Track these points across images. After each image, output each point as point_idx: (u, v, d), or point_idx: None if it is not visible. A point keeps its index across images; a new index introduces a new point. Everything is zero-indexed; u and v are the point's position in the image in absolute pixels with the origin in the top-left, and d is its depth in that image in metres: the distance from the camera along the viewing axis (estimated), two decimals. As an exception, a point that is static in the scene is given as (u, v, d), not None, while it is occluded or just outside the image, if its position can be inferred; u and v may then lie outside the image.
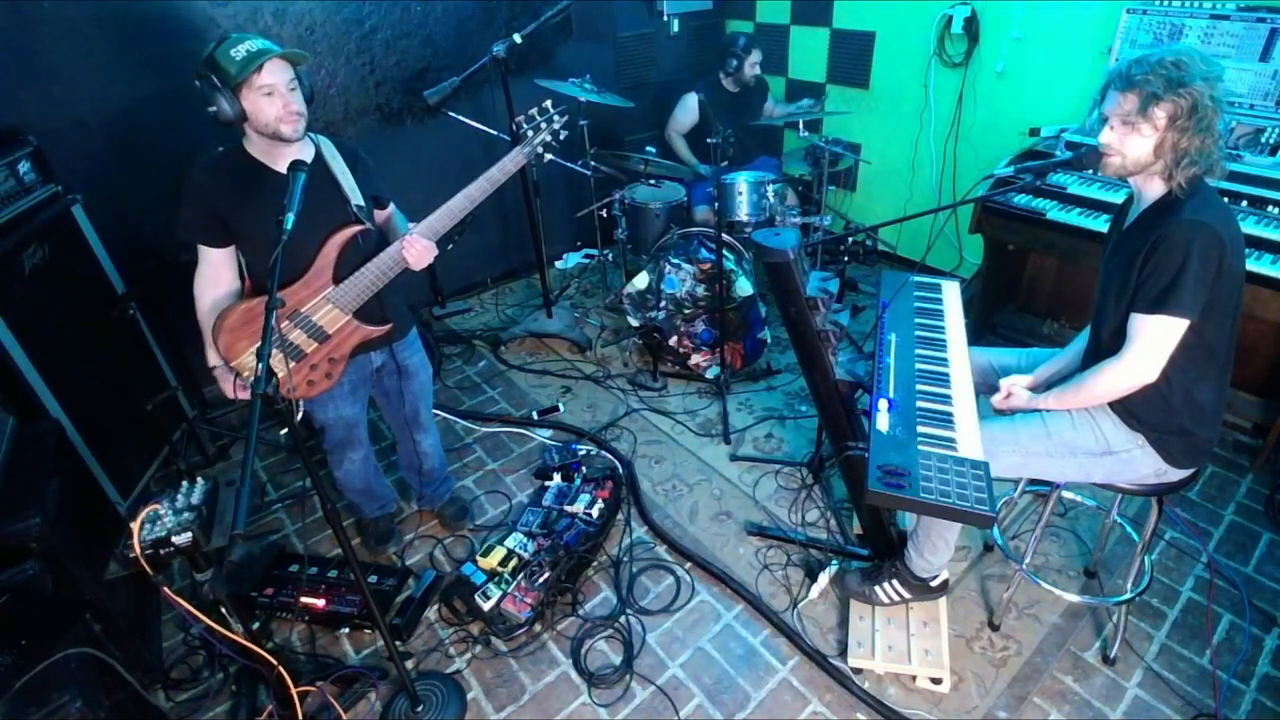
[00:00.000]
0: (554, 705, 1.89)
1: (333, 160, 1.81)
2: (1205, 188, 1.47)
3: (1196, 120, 1.38)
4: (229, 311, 1.72)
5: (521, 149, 1.88)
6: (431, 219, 1.81)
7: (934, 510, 1.41)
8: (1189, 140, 1.40)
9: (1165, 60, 1.39)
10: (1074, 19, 2.94)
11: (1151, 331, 1.45)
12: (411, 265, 1.80)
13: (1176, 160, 1.42)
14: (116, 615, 1.82)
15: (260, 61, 1.57)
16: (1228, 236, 1.39)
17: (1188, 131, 1.39)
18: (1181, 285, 1.39)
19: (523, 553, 2.22)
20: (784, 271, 1.73)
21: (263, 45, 1.60)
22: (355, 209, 1.79)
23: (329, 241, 1.75)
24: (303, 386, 1.82)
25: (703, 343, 3.06)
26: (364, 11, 3.12)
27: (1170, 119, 1.40)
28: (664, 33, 4.10)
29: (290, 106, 1.64)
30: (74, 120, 2.53)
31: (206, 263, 1.77)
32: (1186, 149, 1.40)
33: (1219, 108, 1.39)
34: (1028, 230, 2.72)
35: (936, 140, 3.62)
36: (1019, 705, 1.83)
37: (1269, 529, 2.29)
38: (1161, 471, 1.63)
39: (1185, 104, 1.38)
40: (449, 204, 1.81)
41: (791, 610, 2.10)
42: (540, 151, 1.91)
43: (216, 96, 1.58)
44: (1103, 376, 1.53)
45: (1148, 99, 1.40)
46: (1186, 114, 1.38)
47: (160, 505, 1.47)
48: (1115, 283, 1.54)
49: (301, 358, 1.80)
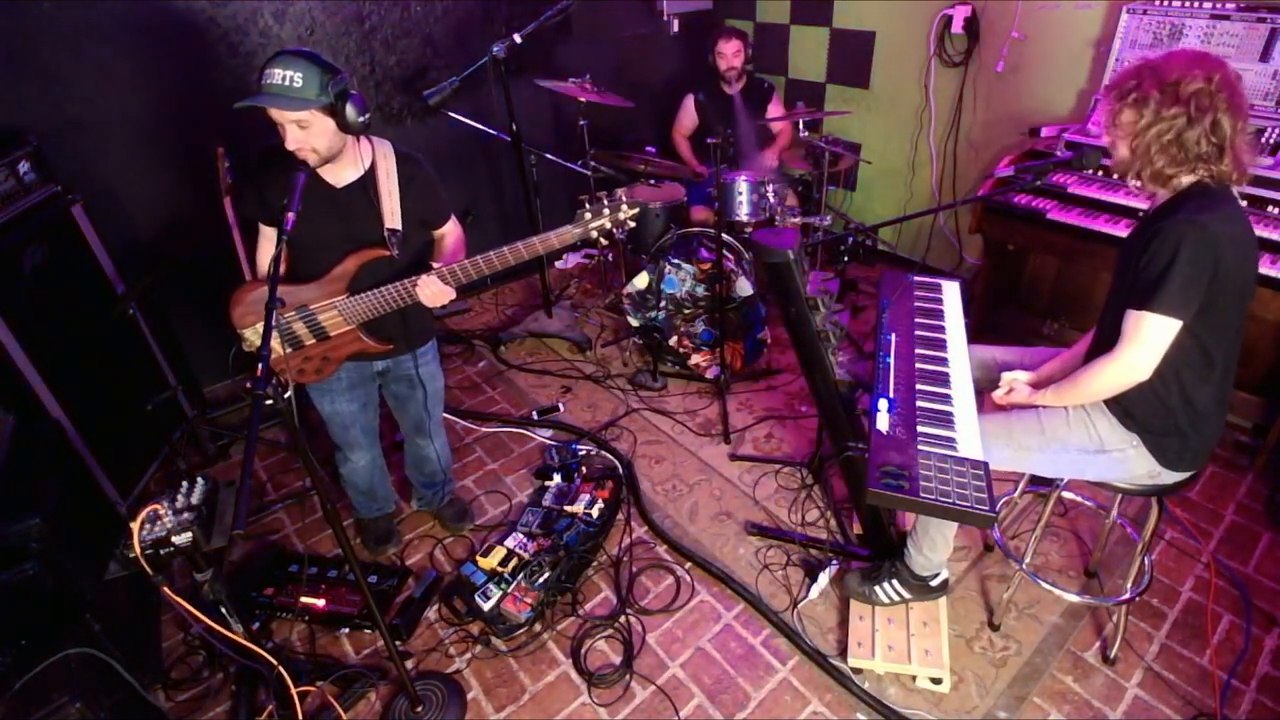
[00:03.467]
0: (554, 705, 1.89)
1: (385, 179, 1.77)
2: (1216, 192, 1.45)
3: (1159, 121, 1.40)
4: (250, 286, 1.83)
5: (573, 228, 1.74)
6: (455, 266, 1.74)
7: (934, 510, 1.41)
8: (1155, 141, 1.41)
9: (1146, 64, 1.42)
10: (1074, 19, 2.94)
11: (1138, 328, 1.44)
12: (424, 302, 1.77)
13: (1150, 160, 1.44)
14: (116, 615, 1.82)
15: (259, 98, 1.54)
16: (1227, 240, 1.38)
17: (1151, 131, 1.41)
18: (1168, 282, 1.39)
19: (523, 553, 2.22)
20: (784, 271, 1.73)
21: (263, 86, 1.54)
22: (388, 232, 1.77)
23: (350, 256, 1.77)
24: (293, 373, 1.87)
25: (703, 343, 3.07)
26: (364, 11, 3.12)
27: (1134, 122, 1.43)
28: (664, 33, 4.10)
29: (295, 143, 1.59)
30: (74, 120, 2.53)
31: (264, 236, 1.87)
32: (1160, 149, 1.42)
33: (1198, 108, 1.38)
34: (1028, 230, 2.72)
35: (936, 140, 3.62)
36: (1019, 705, 1.83)
37: (1269, 529, 2.29)
38: (1155, 473, 1.63)
39: (1146, 109, 1.40)
40: (477, 258, 1.74)
41: (791, 610, 2.10)
42: (595, 236, 1.75)
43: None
44: (1095, 372, 1.53)
45: (1117, 101, 1.45)
46: (1151, 115, 1.40)
47: (160, 505, 1.47)
48: (1120, 281, 1.55)
49: (299, 347, 1.85)
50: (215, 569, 1.54)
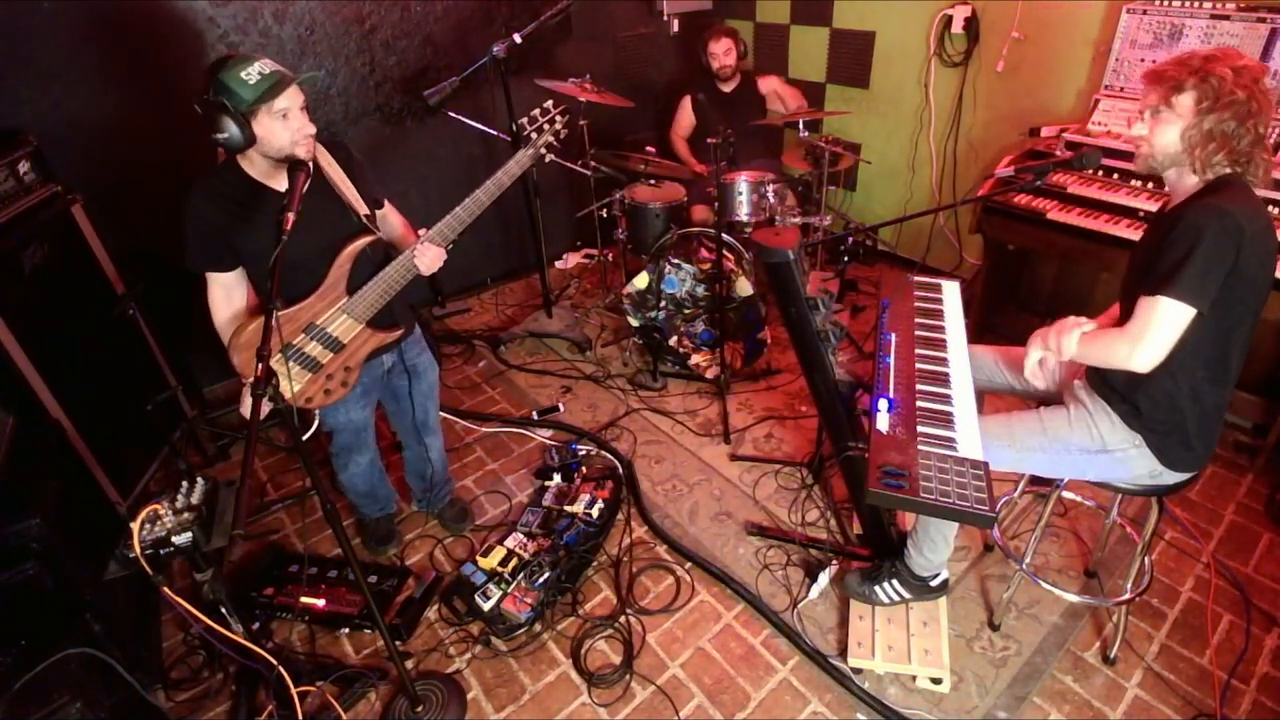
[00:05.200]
0: (554, 705, 1.89)
1: (331, 170, 1.76)
2: (1240, 184, 1.43)
3: (1222, 106, 1.36)
4: (242, 329, 1.71)
5: (526, 151, 1.88)
6: (441, 225, 1.79)
7: (934, 510, 1.41)
8: (1216, 125, 1.38)
9: (1197, 54, 1.40)
10: (1074, 19, 2.94)
11: (1149, 311, 1.39)
12: (423, 271, 1.79)
13: (1204, 146, 1.40)
14: (116, 615, 1.82)
15: (275, 85, 1.52)
16: (1251, 230, 1.35)
17: (1212, 115, 1.38)
18: (1189, 266, 1.34)
19: (523, 553, 2.22)
20: (784, 271, 1.73)
21: (272, 69, 1.55)
22: (364, 219, 1.78)
23: (342, 254, 1.74)
24: (319, 396, 1.82)
25: (703, 343, 3.07)
26: (364, 11, 3.12)
27: (1195, 104, 1.39)
28: (664, 33, 4.10)
29: (304, 130, 1.59)
30: (74, 120, 2.53)
31: (218, 285, 1.73)
32: (1214, 134, 1.39)
33: (1256, 99, 1.36)
34: (1028, 230, 2.72)
35: (936, 140, 3.62)
36: (1019, 705, 1.83)
37: (1269, 529, 2.29)
38: (1156, 473, 1.62)
39: (1210, 89, 1.37)
40: (457, 210, 1.80)
41: (791, 610, 2.10)
42: (544, 152, 1.91)
43: (225, 122, 1.51)
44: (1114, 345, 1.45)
45: (1173, 86, 1.40)
46: (1212, 99, 1.37)
47: (160, 505, 1.47)
48: (1138, 271, 1.51)
49: (318, 369, 1.79)
50: (215, 569, 1.54)
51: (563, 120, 1.91)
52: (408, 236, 1.96)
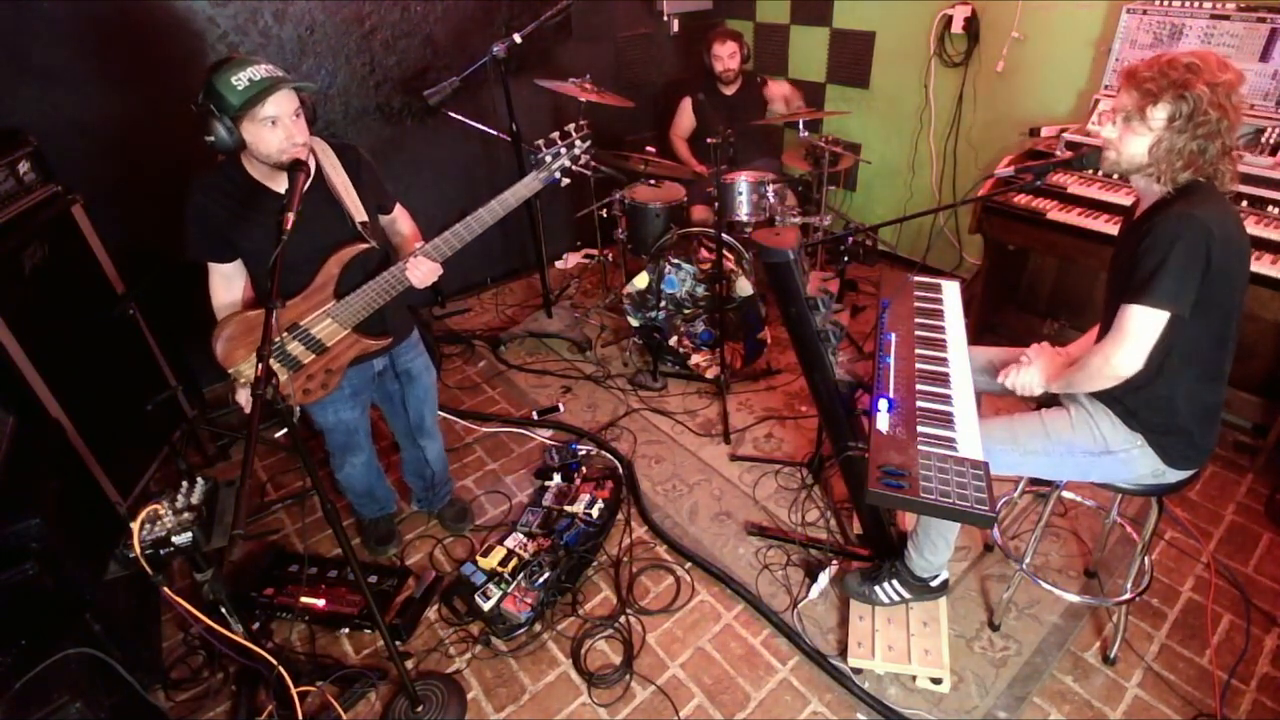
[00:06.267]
0: (554, 705, 1.89)
1: (333, 173, 1.75)
2: (1207, 189, 1.45)
3: (1195, 125, 1.37)
4: (227, 321, 1.73)
5: (536, 174, 1.78)
6: (439, 240, 1.75)
7: (934, 510, 1.41)
8: (1185, 144, 1.39)
9: (1178, 62, 1.38)
10: (1074, 19, 2.94)
11: (1129, 320, 1.43)
12: (415, 285, 1.78)
13: (1170, 163, 1.42)
14: (116, 615, 1.82)
15: (263, 92, 1.51)
16: (1220, 233, 1.37)
17: (1184, 134, 1.39)
18: (1163, 274, 1.38)
19: (523, 553, 2.22)
20: (784, 271, 1.73)
21: (265, 74, 1.54)
22: (359, 226, 1.77)
23: (331, 259, 1.73)
24: (298, 394, 1.81)
25: (703, 343, 3.06)
26: (364, 11, 3.12)
27: (1169, 120, 1.40)
28: (664, 33, 4.10)
29: (294, 138, 1.58)
30: (74, 120, 2.53)
31: (218, 274, 1.76)
32: (1181, 152, 1.40)
33: (1228, 117, 1.37)
34: (1028, 230, 2.72)
35: (936, 140, 3.62)
36: (1019, 705, 1.83)
37: (1269, 529, 2.29)
38: (1159, 472, 1.63)
39: (1185, 108, 1.37)
40: (457, 227, 1.75)
41: (791, 610, 2.10)
42: (559, 177, 1.80)
43: (214, 125, 1.52)
44: (1091, 362, 1.52)
45: (1149, 97, 1.40)
46: (1185, 118, 1.38)
47: (160, 505, 1.47)
48: (1117, 281, 1.54)
49: (299, 369, 1.79)
50: (215, 569, 1.54)
51: (584, 145, 1.78)
52: (411, 246, 1.93)
